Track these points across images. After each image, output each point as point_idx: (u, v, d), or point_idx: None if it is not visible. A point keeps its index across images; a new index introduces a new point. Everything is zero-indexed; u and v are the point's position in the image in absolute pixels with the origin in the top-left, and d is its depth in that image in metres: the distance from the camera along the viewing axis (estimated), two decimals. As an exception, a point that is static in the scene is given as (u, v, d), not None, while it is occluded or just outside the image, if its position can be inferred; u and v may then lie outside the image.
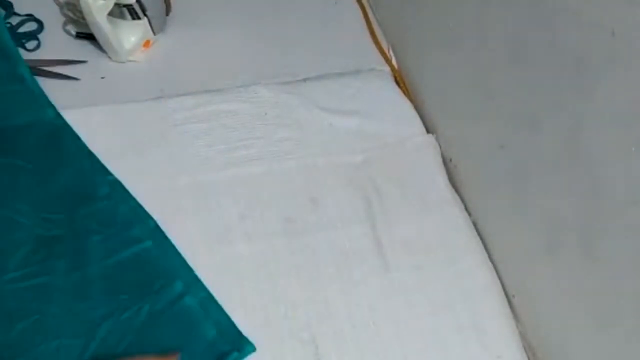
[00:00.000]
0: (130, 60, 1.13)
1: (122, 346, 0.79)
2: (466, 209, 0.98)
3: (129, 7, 1.08)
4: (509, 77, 0.82)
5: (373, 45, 1.21)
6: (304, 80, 1.13)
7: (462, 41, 0.94)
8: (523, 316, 0.87)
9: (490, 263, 0.92)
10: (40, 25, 1.16)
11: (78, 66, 1.10)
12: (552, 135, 0.74)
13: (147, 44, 1.13)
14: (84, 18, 1.06)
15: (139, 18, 1.10)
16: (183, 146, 1.01)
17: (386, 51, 1.20)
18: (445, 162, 1.04)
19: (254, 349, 0.81)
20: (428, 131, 1.08)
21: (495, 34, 0.84)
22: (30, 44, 1.13)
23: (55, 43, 1.14)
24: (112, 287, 0.84)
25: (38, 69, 1.09)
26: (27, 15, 1.16)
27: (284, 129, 1.05)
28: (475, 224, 0.96)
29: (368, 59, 1.19)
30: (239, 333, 0.82)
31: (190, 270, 0.86)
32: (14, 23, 1.15)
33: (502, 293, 0.89)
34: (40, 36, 1.14)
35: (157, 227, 0.89)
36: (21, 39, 1.13)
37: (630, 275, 0.63)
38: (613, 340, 0.68)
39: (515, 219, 0.87)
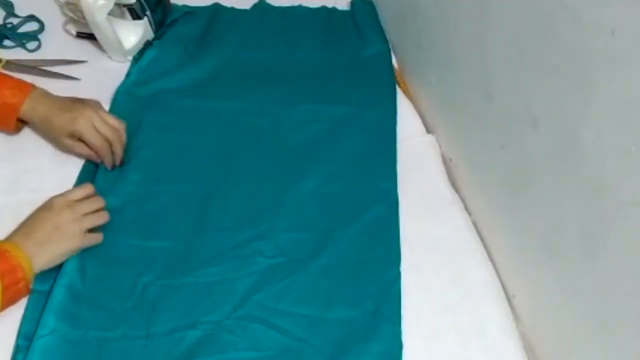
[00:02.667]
0: (130, 60, 1.13)
1: None
2: (466, 209, 0.98)
3: (129, 7, 1.08)
4: (509, 77, 0.82)
5: (373, 45, 1.21)
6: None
7: (462, 41, 0.94)
8: (523, 316, 0.87)
9: (490, 263, 0.92)
10: (41, 25, 1.16)
11: (78, 66, 1.10)
12: (552, 135, 0.74)
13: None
14: (84, 18, 1.06)
15: (139, 18, 1.10)
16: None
17: (386, 51, 1.20)
18: (445, 162, 1.04)
19: None
20: (428, 131, 1.08)
21: (495, 34, 0.84)
22: (31, 44, 1.13)
23: (56, 43, 1.14)
24: None
25: (38, 69, 1.09)
26: (28, 15, 1.16)
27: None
28: (475, 224, 0.96)
29: (368, 59, 1.19)
30: None
31: None
32: (14, 23, 1.15)
33: (502, 293, 0.89)
34: (40, 36, 1.14)
35: None
36: (22, 39, 1.13)
37: (630, 275, 0.63)
38: (613, 340, 0.68)
39: (515, 219, 0.87)
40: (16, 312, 0.81)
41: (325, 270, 0.87)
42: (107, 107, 1.03)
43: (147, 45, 1.13)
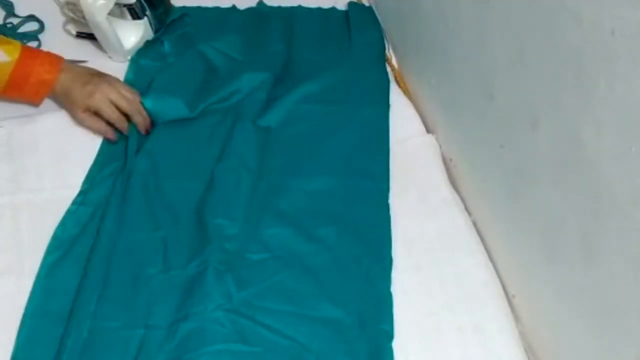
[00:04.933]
0: (129, 61, 1.13)
1: None
2: (466, 209, 0.98)
3: (129, 7, 1.08)
4: (509, 77, 0.82)
5: (373, 45, 1.21)
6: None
7: (462, 41, 0.94)
8: (523, 316, 0.87)
9: (490, 263, 0.92)
10: (41, 25, 1.16)
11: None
12: (552, 135, 0.74)
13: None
14: (84, 18, 1.06)
15: (139, 18, 1.10)
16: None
17: (386, 51, 1.20)
18: (445, 162, 1.04)
19: None
20: (428, 131, 1.08)
21: (495, 34, 0.84)
22: (31, 44, 1.13)
23: (56, 43, 1.13)
24: None
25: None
26: (27, 15, 1.16)
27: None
28: (475, 224, 0.96)
29: (368, 59, 1.19)
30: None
31: None
32: (14, 23, 1.15)
33: (502, 293, 0.89)
34: (40, 36, 1.14)
35: None
36: (22, 39, 1.13)
37: (629, 275, 0.63)
38: (612, 340, 0.68)
39: (515, 219, 0.87)
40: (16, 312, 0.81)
41: (312, 268, 0.88)
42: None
43: (147, 45, 1.13)
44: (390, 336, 0.82)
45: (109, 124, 0.98)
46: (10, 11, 1.17)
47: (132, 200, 0.92)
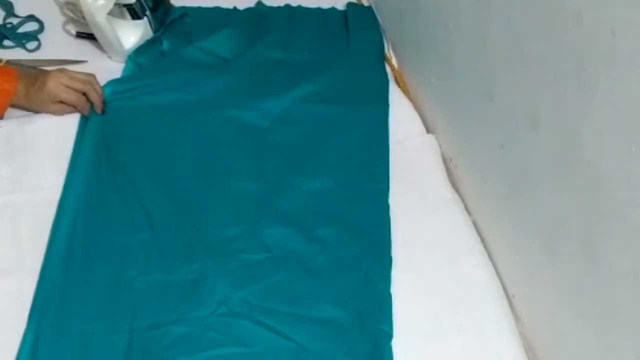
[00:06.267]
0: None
1: None
2: (466, 209, 0.98)
3: (129, 7, 1.08)
4: (509, 77, 0.82)
5: (373, 45, 1.21)
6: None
7: (462, 41, 0.94)
8: (523, 316, 0.87)
9: (490, 263, 0.92)
10: (41, 25, 1.16)
11: (78, 66, 1.10)
12: (552, 135, 0.74)
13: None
14: (84, 18, 1.06)
15: (139, 18, 1.10)
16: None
17: (386, 51, 1.20)
18: (445, 162, 1.04)
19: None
20: (428, 131, 1.08)
21: (495, 34, 0.84)
22: (31, 44, 1.13)
23: (56, 43, 1.14)
24: None
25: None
26: (27, 15, 1.16)
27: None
28: (475, 224, 0.96)
29: (368, 59, 1.19)
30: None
31: None
32: (14, 23, 1.15)
33: (502, 293, 0.89)
34: (40, 36, 1.14)
35: None
36: (22, 39, 1.13)
37: (630, 275, 0.63)
38: (613, 340, 0.68)
39: (515, 219, 0.87)
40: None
41: (312, 268, 0.88)
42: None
43: (146, 44, 1.13)
44: (389, 336, 0.82)
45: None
46: (10, 11, 1.17)
47: (107, 200, 0.92)
